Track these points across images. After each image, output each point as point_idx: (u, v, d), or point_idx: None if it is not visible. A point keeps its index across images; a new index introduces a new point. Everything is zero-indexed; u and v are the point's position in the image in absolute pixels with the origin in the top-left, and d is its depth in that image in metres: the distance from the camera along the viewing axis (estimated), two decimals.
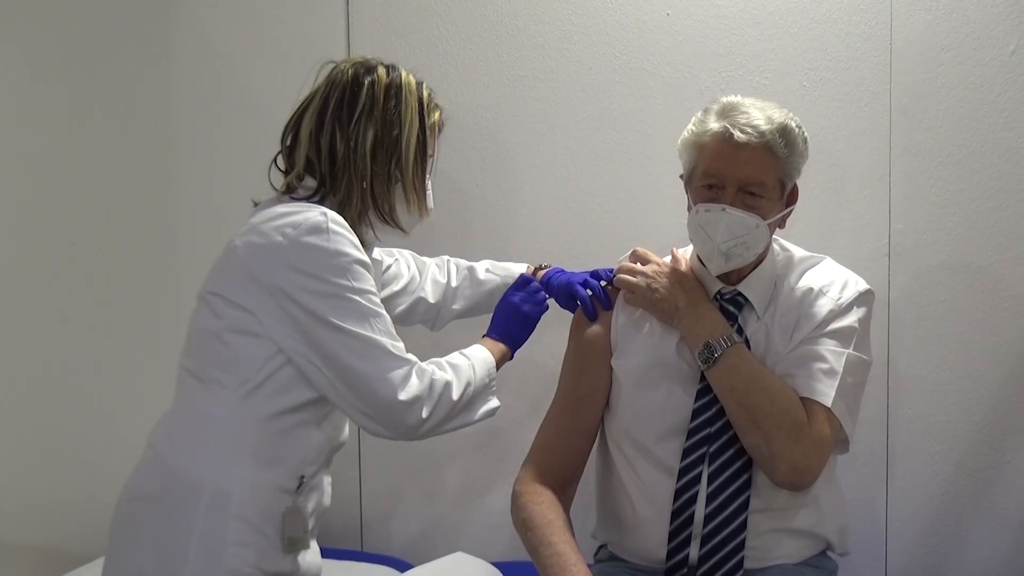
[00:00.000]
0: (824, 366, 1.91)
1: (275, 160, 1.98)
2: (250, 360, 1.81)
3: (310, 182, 1.91)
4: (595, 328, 2.09)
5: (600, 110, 2.54)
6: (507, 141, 2.59)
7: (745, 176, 1.90)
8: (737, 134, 1.87)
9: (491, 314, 2.17)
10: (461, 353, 1.98)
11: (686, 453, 1.93)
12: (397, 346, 1.84)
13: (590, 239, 2.53)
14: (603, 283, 2.13)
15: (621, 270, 2.10)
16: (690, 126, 1.98)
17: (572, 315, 2.15)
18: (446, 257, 2.31)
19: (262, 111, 2.62)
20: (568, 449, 2.06)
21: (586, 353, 2.08)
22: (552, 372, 2.14)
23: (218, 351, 1.83)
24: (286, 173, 1.95)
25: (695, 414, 1.95)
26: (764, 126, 1.89)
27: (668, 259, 2.10)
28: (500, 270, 2.28)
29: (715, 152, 1.91)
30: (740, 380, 1.90)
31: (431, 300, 2.22)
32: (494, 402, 1.99)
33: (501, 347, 2.05)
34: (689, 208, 1.99)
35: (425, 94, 1.97)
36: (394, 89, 1.92)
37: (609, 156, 2.54)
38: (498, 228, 2.59)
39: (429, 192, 1.99)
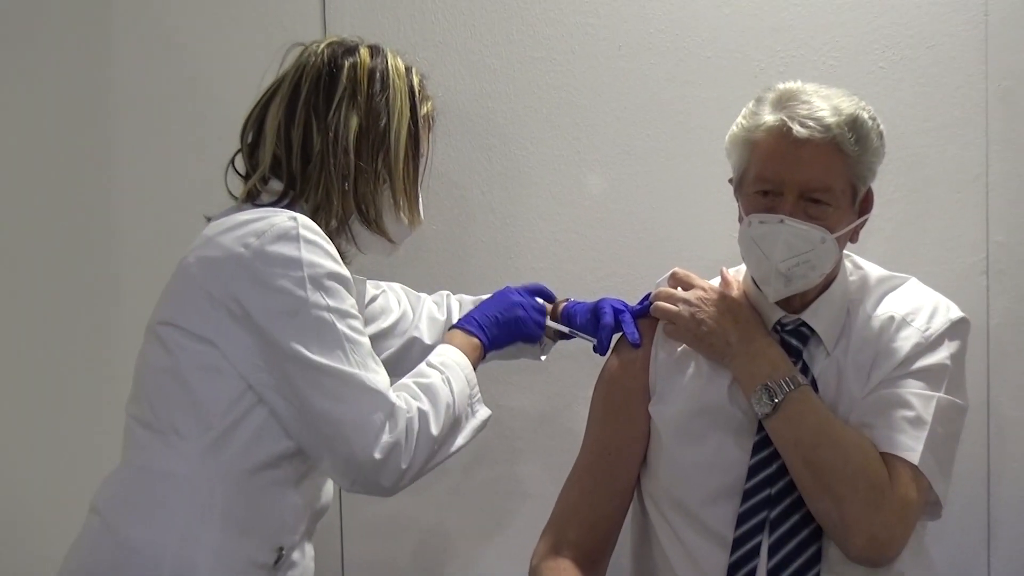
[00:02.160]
0: (909, 414, 1.90)
1: (232, 162, 1.99)
2: (214, 403, 1.81)
3: (276, 185, 1.92)
4: (629, 368, 2.09)
5: (632, 99, 2.54)
6: (517, 137, 2.59)
7: (807, 180, 1.89)
8: (797, 128, 1.87)
9: (501, 360, 2.16)
10: (430, 365, 1.96)
11: (741, 520, 1.94)
12: (376, 379, 1.83)
13: (620, 259, 2.53)
14: (636, 312, 2.14)
15: (659, 296, 2.09)
16: (740, 119, 1.96)
17: (597, 354, 2.15)
18: (445, 292, 2.31)
19: (220, 105, 2.61)
20: (597, 515, 2.07)
21: (618, 398, 2.08)
22: (575, 425, 2.14)
23: (174, 394, 1.83)
24: (247, 177, 1.96)
25: (752, 472, 1.95)
26: (830, 118, 1.88)
27: (716, 282, 2.09)
28: None
29: (770, 151, 1.90)
30: (806, 431, 1.89)
31: (428, 342, 2.21)
32: (482, 413, 1.99)
33: (474, 342, 2.05)
34: (741, 220, 1.98)
35: (416, 80, 1.98)
36: (379, 73, 1.94)
37: (644, 156, 2.53)
38: (505, 244, 2.59)
39: (420, 198, 2.01)
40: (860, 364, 1.97)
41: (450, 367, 1.96)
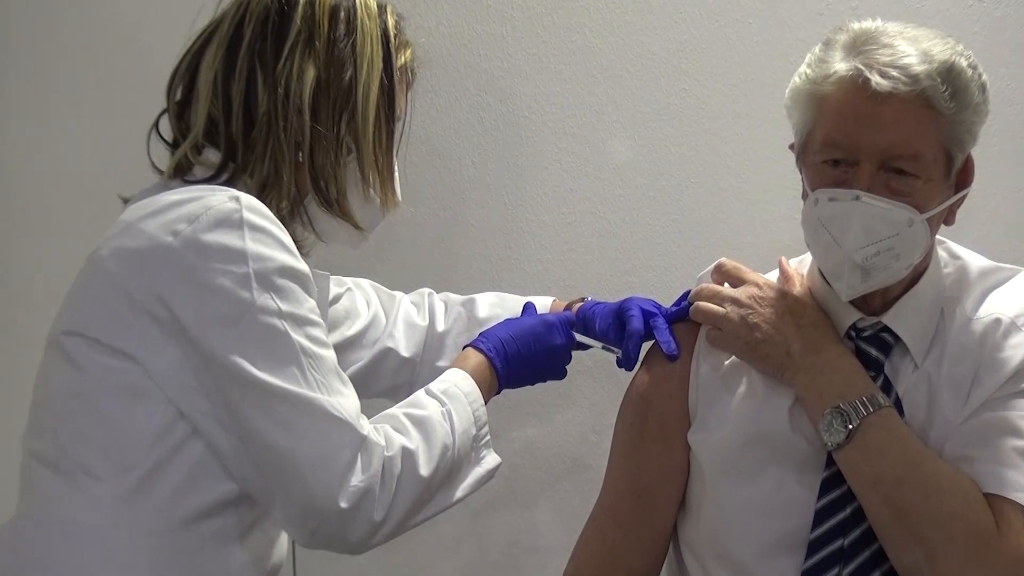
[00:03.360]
0: (1021, 443, 1.90)
1: (156, 126, 1.97)
2: (136, 436, 1.80)
3: (212, 156, 1.91)
4: (663, 386, 2.09)
5: (664, 44, 2.56)
6: (518, 94, 2.61)
7: (890, 145, 1.88)
8: (876, 80, 1.86)
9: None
10: (430, 393, 1.95)
11: None
12: (342, 404, 1.81)
13: (651, 248, 2.56)
14: (671, 315, 2.14)
15: (701, 295, 2.09)
16: (804, 68, 1.96)
17: (622, 368, 2.15)
18: (427, 290, 2.31)
19: (141, 54, 2.63)
20: (623, 571, 2.08)
21: (649, 425, 2.09)
22: (594, 460, 2.13)
23: (84, 424, 1.81)
24: (174, 145, 1.95)
25: (820, 517, 1.96)
26: (918, 66, 1.87)
27: (774, 276, 2.11)
28: (514, 304, 2.28)
29: (842, 109, 1.90)
30: (889, 465, 1.89)
31: (404, 354, 2.23)
32: (490, 460, 1.98)
33: (486, 369, 2.06)
34: (805, 196, 1.99)
35: (390, 22, 1.98)
36: (344, 12, 1.93)
37: (679, 116, 2.56)
38: (504, 230, 2.62)
39: (396, 173, 2.00)
40: (957, 380, 1.97)
41: (455, 398, 1.95)
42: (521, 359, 2.09)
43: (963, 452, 1.92)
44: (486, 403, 2.01)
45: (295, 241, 1.88)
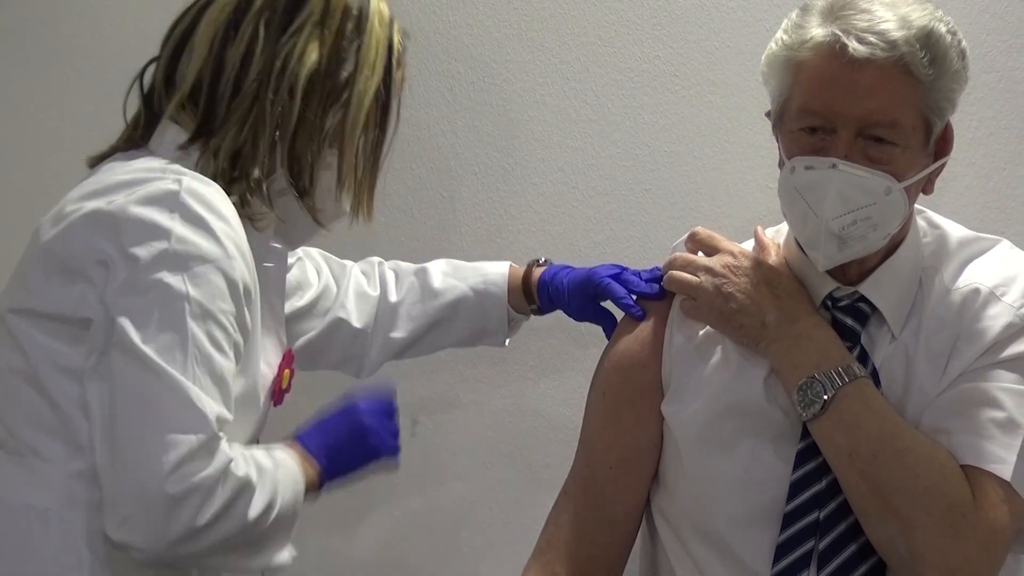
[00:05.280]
0: (999, 415, 1.90)
1: (140, 78, 1.95)
2: (80, 419, 1.78)
3: (187, 119, 1.89)
4: (636, 355, 2.08)
5: (638, 10, 2.56)
6: (490, 63, 2.61)
7: (867, 112, 1.88)
8: (854, 45, 1.85)
9: (455, 347, 2.18)
10: (267, 452, 1.90)
11: (782, 551, 1.95)
12: (209, 402, 1.75)
13: (623, 217, 2.56)
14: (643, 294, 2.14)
15: (675, 264, 2.08)
16: (780, 34, 1.95)
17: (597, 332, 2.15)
18: (376, 259, 2.31)
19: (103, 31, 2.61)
20: (595, 545, 2.08)
21: (622, 396, 2.09)
22: (568, 428, 2.12)
23: (32, 404, 1.80)
24: (149, 104, 1.93)
25: (794, 490, 1.96)
26: (896, 32, 1.86)
27: (749, 245, 2.10)
28: (470, 273, 2.28)
29: (819, 75, 1.89)
30: (865, 437, 1.89)
31: (356, 324, 2.22)
32: (287, 553, 1.91)
33: (313, 468, 1.99)
34: (781, 164, 1.98)
35: (397, 38, 1.97)
36: (357, 11, 1.92)
37: (653, 83, 2.56)
38: (475, 201, 2.62)
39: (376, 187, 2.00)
40: (935, 351, 1.96)
41: (285, 470, 1.89)
42: (343, 445, 2.03)
43: (940, 424, 1.92)
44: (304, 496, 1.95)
45: (252, 214, 1.87)
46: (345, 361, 2.24)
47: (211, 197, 1.80)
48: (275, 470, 1.85)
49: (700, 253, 2.09)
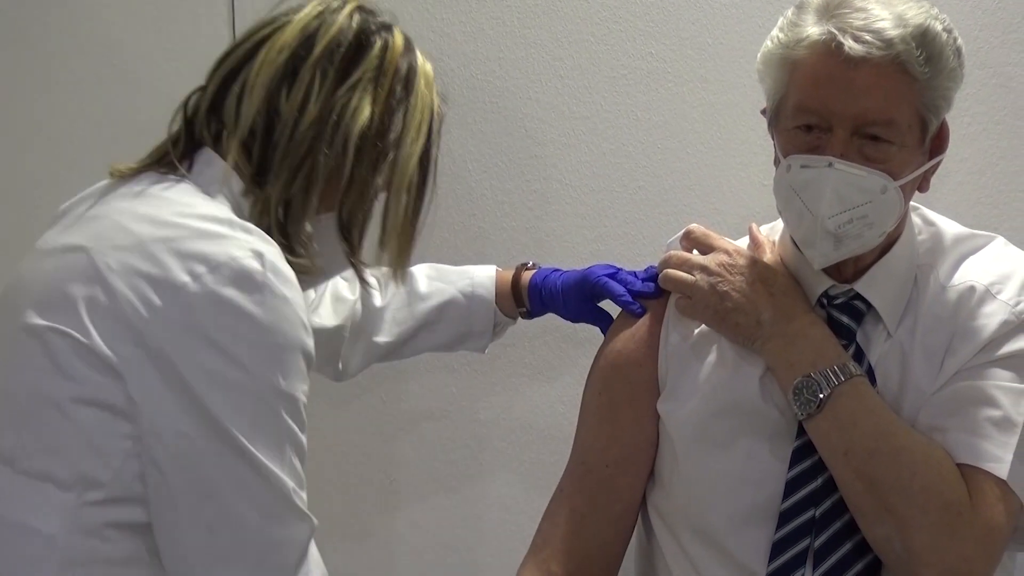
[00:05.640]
0: (995, 413, 1.90)
1: (186, 105, 1.91)
2: (108, 452, 1.74)
3: (240, 162, 1.85)
4: (632, 354, 2.09)
5: (627, 6, 2.56)
6: (482, 59, 2.61)
7: (864, 111, 1.87)
8: (850, 44, 1.85)
9: (437, 352, 2.18)
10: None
11: (777, 549, 1.95)
12: (303, 496, 1.79)
13: (616, 215, 2.56)
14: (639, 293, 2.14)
15: (670, 263, 2.08)
16: (776, 32, 1.95)
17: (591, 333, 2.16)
18: None
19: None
20: (591, 544, 2.08)
21: (618, 394, 2.09)
22: (564, 428, 2.12)
23: (59, 432, 1.75)
24: (191, 130, 1.89)
25: (790, 488, 1.96)
26: (892, 30, 1.86)
27: (744, 243, 2.10)
28: (456, 277, 2.28)
29: (815, 73, 1.89)
30: (860, 436, 1.89)
31: (329, 324, 2.21)
32: None
33: None
34: (777, 162, 1.98)
35: (437, 102, 1.96)
36: (407, 72, 1.91)
37: (645, 79, 2.55)
38: (467, 198, 2.62)
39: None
40: (931, 349, 1.96)
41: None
42: None
43: (936, 422, 1.92)
44: None
45: (298, 266, 1.85)
46: (324, 363, 2.23)
47: (286, 269, 1.78)
48: None
49: (695, 251, 2.09)
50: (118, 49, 2.49)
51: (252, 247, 1.75)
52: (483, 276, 2.28)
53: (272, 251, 1.76)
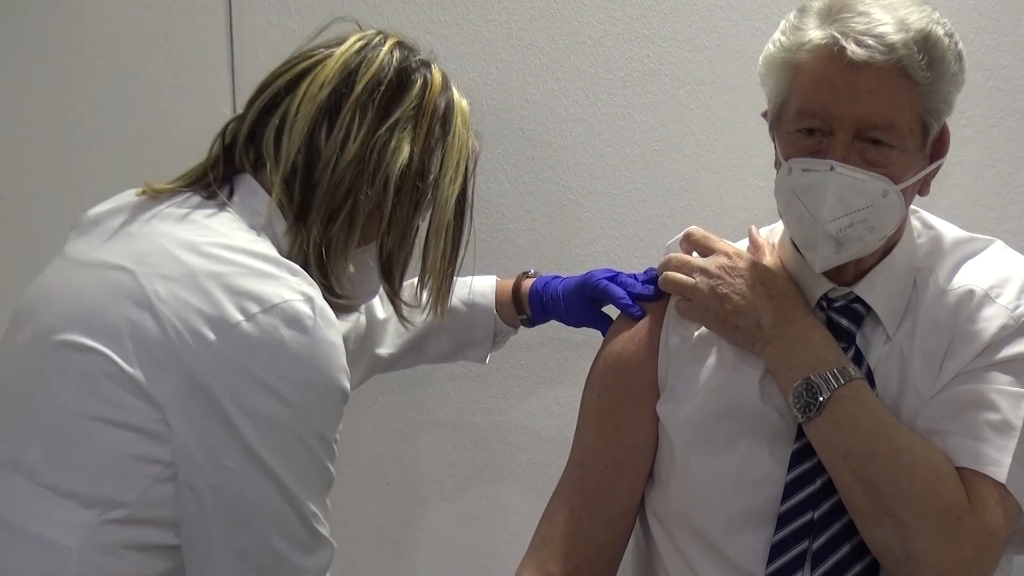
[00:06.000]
0: (994, 417, 1.90)
1: (224, 133, 1.90)
2: (135, 475, 1.74)
3: (281, 197, 1.84)
4: (632, 356, 2.09)
5: (624, 8, 2.56)
6: (478, 60, 2.62)
7: (866, 115, 1.87)
8: (852, 48, 1.85)
9: (437, 364, 2.19)
10: None
11: (776, 552, 1.95)
12: (326, 526, 1.82)
13: (614, 217, 2.56)
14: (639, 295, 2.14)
15: (670, 264, 2.08)
16: (777, 35, 1.95)
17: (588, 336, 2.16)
18: None
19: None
20: (590, 545, 2.08)
21: (617, 396, 2.09)
22: (562, 431, 2.12)
23: (82, 448, 1.74)
24: (230, 156, 1.88)
25: (789, 491, 1.96)
26: (894, 35, 1.86)
27: (744, 246, 2.10)
28: (456, 288, 2.21)
29: (817, 77, 1.89)
30: (860, 439, 1.89)
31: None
32: None
33: None
34: (778, 165, 1.97)
35: (472, 139, 1.96)
36: (445, 110, 1.91)
37: (643, 82, 2.55)
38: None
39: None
40: (930, 352, 1.96)
41: None
42: None
43: (935, 425, 1.93)
44: None
45: (335, 293, 1.86)
46: None
47: (331, 314, 1.78)
48: None
49: (695, 253, 2.09)
50: (115, 50, 2.47)
51: (301, 290, 1.75)
52: (483, 285, 2.28)
53: (318, 294, 1.77)
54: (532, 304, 2.25)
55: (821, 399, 1.91)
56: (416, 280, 1.98)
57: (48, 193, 2.66)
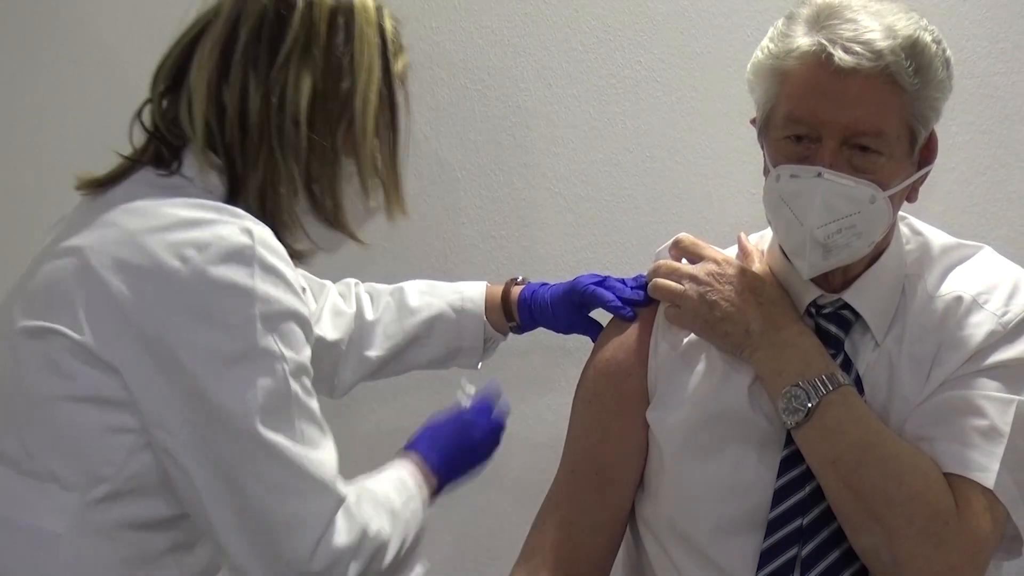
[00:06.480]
0: (982, 423, 1.90)
1: (139, 115, 1.91)
2: (110, 447, 1.76)
3: (212, 157, 1.85)
4: (622, 362, 2.08)
5: (620, 15, 2.56)
6: (471, 68, 2.62)
7: (853, 121, 1.87)
8: (840, 55, 1.85)
9: (427, 369, 2.18)
10: (402, 483, 1.94)
11: (765, 558, 1.94)
12: (323, 462, 1.79)
13: (605, 224, 2.57)
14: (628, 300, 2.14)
15: (659, 272, 2.08)
16: (766, 42, 1.95)
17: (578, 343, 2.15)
18: (352, 281, 2.30)
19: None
20: (580, 552, 2.08)
21: (607, 403, 2.08)
22: (553, 437, 2.13)
23: (61, 431, 1.76)
24: (162, 137, 1.89)
25: (778, 497, 1.96)
26: (882, 41, 1.86)
27: (733, 252, 2.10)
28: (446, 292, 2.27)
29: (805, 84, 1.89)
30: (848, 445, 1.89)
31: (330, 337, 2.20)
32: (420, 569, 1.97)
33: (431, 484, 2.03)
34: (766, 172, 1.98)
35: (388, 26, 1.93)
36: (342, 16, 1.88)
37: (634, 88, 2.56)
38: (456, 207, 2.62)
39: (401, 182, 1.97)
40: (918, 358, 1.96)
41: (410, 493, 1.95)
42: (456, 455, 2.09)
43: (923, 431, 1.92)
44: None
45: (294, 251, 1.86)
46: (322, 378, 2.21)
47: (275, 243, 1.78)
48: (404, 507, 1.92)
49: (684, 260, 2.09)
50: (110, 52, 2.47)
51: (241, 226, 1.76)
52: (473, 291, 2.27)
53: (261, 228, 1.77)
54: (521, 311, 2.25)
55: (809, 405, 1.91)
56: None
57: (44, 193, 2.66)
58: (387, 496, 1.90)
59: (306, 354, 1.79)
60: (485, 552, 2.64)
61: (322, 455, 1.79)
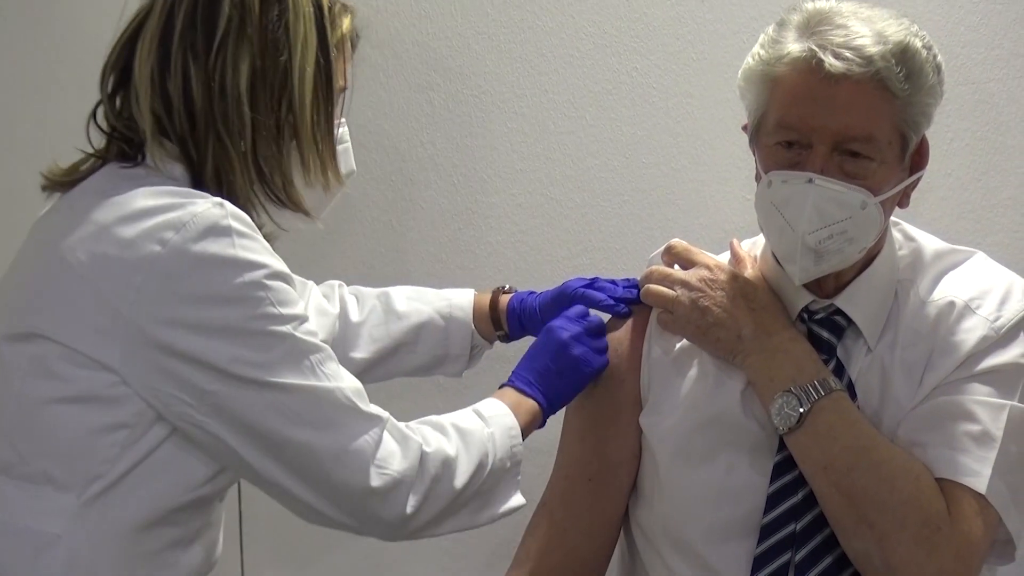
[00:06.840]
0: (974, 428, 1.89)
1: (94, 116, 1.91)
2: (104, 445, 1.76)
3: (170, 147, 1.85)
4: (614, 368, 2.08)
5: (615, 22, 2.55)
6: (468, 74, 2.60)
7: (844, 127, 1.87)
8: (830, 61, 1.85)
9: (411, 376, 2.16)
10: (475, 411, 1.95)
11: (759, 563, 1.94)
12: (354, 390, 1.81)
13: (599, 230, 2.55)
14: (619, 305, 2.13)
15: (651, 277, 2.07)
16: (757, 48, 1.95)
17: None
18: (336, 282, 2.29)
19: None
20: (573, 557, 2.08)
21: (601, 409, 2.09)
22: (547, 441, 2.13)
23: (50, 432, 1.76)
24: (122, 135, 1.89)
25: (771, 502, 1.96)
26: (872, 47, 1.86)
27: (725, 258, 2.10)
28: (434, 298, 2.26)
29: (796, 90, 1.89)
30: (840, 450, 1.89)
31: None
32: (517, 499, 1.97)
33: (531, 405, 2.03)
34: (758, 178, 1.97)
35: None
36: None
37: (630, 96, 2.55)
38: (453, 212, 2.61)
39: (344, 147, 1.96)
40: (911, 363, 1.96)
41: (496, 422, 1.95)
42: (552, 376, 2.07)
43: (915, 437, 1.92)
44: (526, 436, 1.99)
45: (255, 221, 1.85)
46: None
47: (245, 216, 1.79)
48: (483, 429, 1.92)
49: (676, 266, 2.09)
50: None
51: (213, 202, 1.77)
52: (461, 299, 2.26)
53: (230, 205, 1.78)
54: (510, 320, 2.23)
55: (802, 411, 1.91)
56: None
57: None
58: (452, 420, 1.92)
59: (301, 306, 1.81)
60: (479, 557, 2.63)
61: (345, 384, 1.81)
